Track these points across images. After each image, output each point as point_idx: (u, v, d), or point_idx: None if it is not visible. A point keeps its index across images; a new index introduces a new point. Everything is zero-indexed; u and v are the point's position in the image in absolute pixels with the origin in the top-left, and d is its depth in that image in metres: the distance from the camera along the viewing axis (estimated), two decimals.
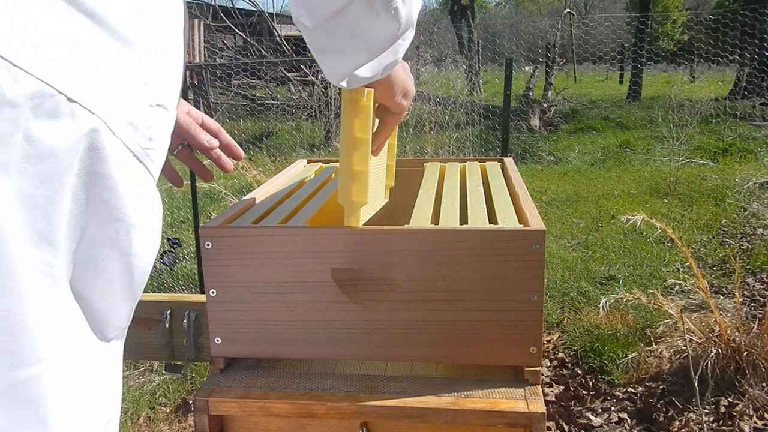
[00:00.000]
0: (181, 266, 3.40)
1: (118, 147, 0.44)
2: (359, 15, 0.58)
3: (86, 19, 0.42)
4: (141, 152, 0.46)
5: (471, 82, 11.20)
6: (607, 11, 25.35)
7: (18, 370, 0.40)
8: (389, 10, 0.58)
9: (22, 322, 0.39)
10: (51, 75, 0.39)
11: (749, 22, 9.44)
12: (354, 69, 0.64)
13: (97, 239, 0.44)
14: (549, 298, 2.98)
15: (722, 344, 2.06)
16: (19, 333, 0.39)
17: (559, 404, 2.14)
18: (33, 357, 0.40)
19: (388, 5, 0.58)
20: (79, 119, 0.40)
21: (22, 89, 0.37)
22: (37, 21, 0.39)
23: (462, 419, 0.71)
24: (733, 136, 6.86)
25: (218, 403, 0.75)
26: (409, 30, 0.64)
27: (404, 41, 0.65)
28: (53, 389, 0.42)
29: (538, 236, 0.71)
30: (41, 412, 0.41)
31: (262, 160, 5.63)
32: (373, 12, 0.58)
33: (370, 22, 0.59)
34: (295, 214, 0.85)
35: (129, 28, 0.45)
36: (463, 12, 15.02)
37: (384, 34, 0.61)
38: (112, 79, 0.43)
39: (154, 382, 2.34)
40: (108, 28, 0.43)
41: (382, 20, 0.59)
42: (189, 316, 0.90)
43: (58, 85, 0.39)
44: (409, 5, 0.61)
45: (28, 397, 0.40)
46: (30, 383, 0.40)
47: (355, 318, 0.76)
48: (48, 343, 0.41)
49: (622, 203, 4.64)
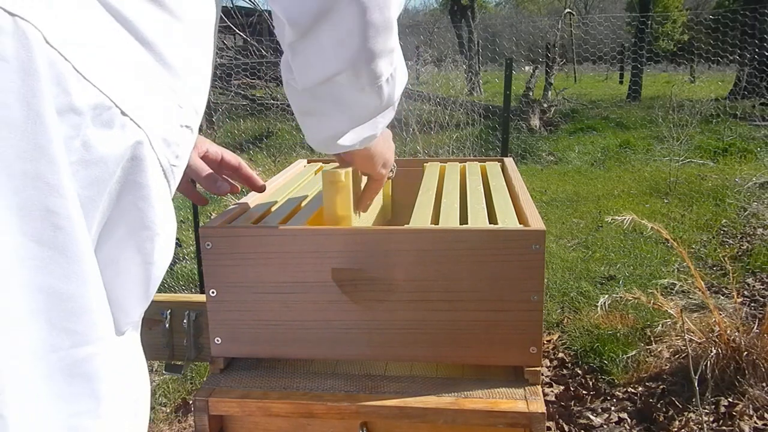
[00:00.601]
0: (181, 266, 3.40)
1: (154, 160, 0.48)
2: (345, 86, 0.63)
3: (141, 47, 0.47)
4: (168, 167, 0.51)
5: (471, 82, 11.19)
6: (607, 11, 25.35)
7: (79, 347, 0.43)
8: (374, 86, 0.63)
9: (85, 305, 0.43)
10: (111, 90, 0.44)
11: (749, 22, 9.44)
12: (334, 135, 0.69)
13: (124, 242, 0.48)
14: (549, 298, 2.98)
15: (722, 344, 2.06)
16: (83, 314, 0.43)
17: (559, 404, 2.14)
18: (93, 336, 0.44)
19: (374, 82, 0.63)
20: (128, 131, 0.45)
21: (87, 100, 0.42)
22: (105, 43, 0.45)
23: (462, 419, 0.71)
24: (733, 136, 6.86)
25: (218, 403, 0.75)
26: (390, 109, 0.69)
27: (383, 118, 0.70)
28: (106, 367, 0.46)
29: (538, 236, 0.71)
30: (96, 387, 0.45)
31: (262, 160, 5.63)
32: (358, 85, 0.62)
33: (355, 95, 0.64)
34: (295, 214, 0.85)
35: (176, 59, 0.50)
36: (463, 12, 15.01)
37: (366, 107, 0.66)
38: (155, 99, 0.49)
39: (154, 382, 2.34)
40: (158, 55, 0.49)
41: (366, 94, 0.64)
42: (189, 316, 0.90)
43: (116, 99, 0.44)
44: (392, 86, 0.65)
45: (85, 373, 0.44)
46: (88, 360, 0.44)
47: (355, 318, 0.76)
48: (105, 324, 0.46)
49: (622, 203, 4.64)
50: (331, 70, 0.60)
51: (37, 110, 0.39)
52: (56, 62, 0.40)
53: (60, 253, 0.41)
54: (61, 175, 0.41)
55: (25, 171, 0.39)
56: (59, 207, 0.41)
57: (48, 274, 0.41)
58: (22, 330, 0.40)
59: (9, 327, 0.39)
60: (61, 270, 0.42)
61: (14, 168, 0.39)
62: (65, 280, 0.42)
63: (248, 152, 6.63)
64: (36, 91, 0.39)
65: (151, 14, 0.48)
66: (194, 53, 0.53)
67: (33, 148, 0.39)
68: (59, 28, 0.41)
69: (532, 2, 33.11)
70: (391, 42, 0.61)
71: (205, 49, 0.56)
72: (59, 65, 0.40)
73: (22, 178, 0.39)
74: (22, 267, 0.40)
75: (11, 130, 0.38)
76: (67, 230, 0.42)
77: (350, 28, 0.57)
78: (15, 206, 0.39)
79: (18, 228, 0.39)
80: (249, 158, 5.96)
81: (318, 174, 1.12)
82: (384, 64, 0.62)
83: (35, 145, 0.39)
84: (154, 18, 0.48)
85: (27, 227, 0.40)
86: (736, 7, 10.74)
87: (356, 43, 0.58)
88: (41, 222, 0.40)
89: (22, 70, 0.38)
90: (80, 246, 0.43)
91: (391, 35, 0.60)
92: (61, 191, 0.41)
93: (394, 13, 0.59)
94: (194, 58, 0.53)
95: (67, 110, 0.41)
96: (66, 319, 0.42)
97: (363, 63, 0.60)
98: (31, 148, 0.39)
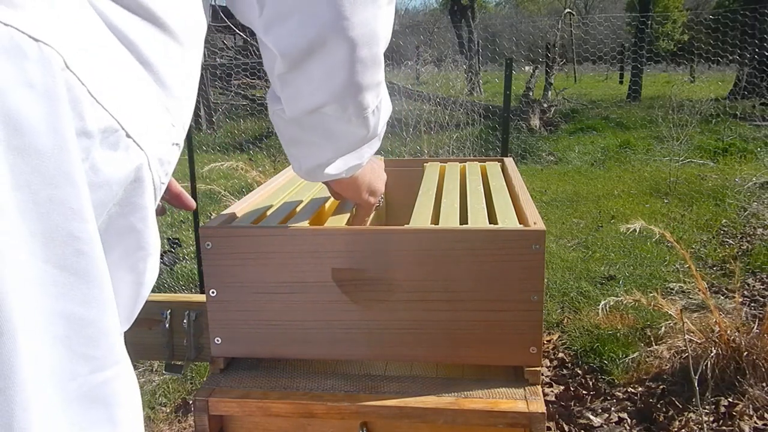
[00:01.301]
0: (181, 266, 3.40)
1: (150, 181, 0.48)
2: (332, 117, 0.64)
3: (142, 67, 0.48)
4: (159, 186, 0.51)
5: (471, 82, 11.19)
6: (607, 11, 25.35)
7: (98, 372, 0.43)
8: (360, 117, 0.65)
9: (104, 328, 0.43)
10: (119, 112, 0.44)
11: (749, 22, 9.43)
12: (319, 164, 0.71)
13: (119, 264, 0.48)
14: (549, 298, 2.98)
15: (722, 344, 2.06)
16: (102, 338, 0.43)
17: (559, 404, 2.14)
18: (111, 360, 0.44)
19: (360, 113, 0.65)
20: (131, 153, 0.46)
21: (98, 123, 0.42)
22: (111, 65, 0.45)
23: (462, 419, 0.71)
24: (733, 136, 6.86)
25: (218, 403, 0.75)
26: (375, 139, 0.72)
27: (369, 148, 0.72)
28: (121, 391, 0.45)
29: (538, 236, 0.71)
30: (112, 413, 0.45)
31: (262, 160, 5.63)
32: (345, 117, 0.64)
33: (342, 125, 0.66)
34: (295, 214, 0.85)
35: (172, 79, 0.51)
36: (463, 12, 15.01)
37: (353, 137, 0.69)
38: (154, 119, 0.49)
39: (154, 382, 2.34)
40: (155, 75, 0.49)
41: (352, 125, 0.66)
42: (189, 316, 0.90)
43: (122, 122, 0.44)
44: (378, 116, 0.67)
45: (103, 399, 0.44)
46: (105, 385, 0.44)
47: (355, 318, 0.76)
48: (121, 347, 0.46)
49: (622, 203, 4.64)
50: (319, 101, 0.62)
51: (63, 135, 0.39)
52: (74, 86, 0.41)
53: (81, 278, 0.41)
54: (83, 199, 0.41)
55: (52, 197, 0.39)
56: (82, 232, 0.41)
57: (70, 300, 0.41)
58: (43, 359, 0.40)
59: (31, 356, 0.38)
60: (82, 295, 0.42)
61: (41, 195, 0.39)
62: (86, 305, 0.42)
63: (248, 152, 6.63)
64: (61, 116, 0.39)
65: (151, 35, 0.48)
66: (188, 71, 0.54)
67: (59, 174, 0.39)
68: (76, 52, 0.41)
69: (532, 2, 33.11)
70: (378, 75, 0.63)
71: (197, 66, 0.56)
72: (76, 89, 0.41)
73: (48, 205, 0.39)
74: (45, 294, 0.40)
75: (41, 157, 0.38)
76: (89, 255, 0.42)
77: (339, 62, 0.59)
78: (40, 233, 0.39)
79: (41, 255, 0.39)
80: (249, 158, 5.96)
81: None
82: (371, 96, 0.64)
83: (61, 171, 0.39)
84: (154, 38, 0.49)
85: (50, 253, 0.40)
86: (736, 7, 10.74)
87: (344, 77, 0.60)
88: (64, 248, 0.40)
89: (48, 96, 0.39)
90: (100, 270, 0.43)
91: (379, 69, 0.63)
92: (84, 215, 0.41)
93: (381, 49, 0.61)
94: (188, 77, 0.54)
95: (81, 134, 0.41)
96: (86, 344, 0.42)
97: (350, 95, 0.62)
98: (57, 174, 0.39)
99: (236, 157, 5.62)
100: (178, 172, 0.88)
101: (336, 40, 0.57)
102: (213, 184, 3.54)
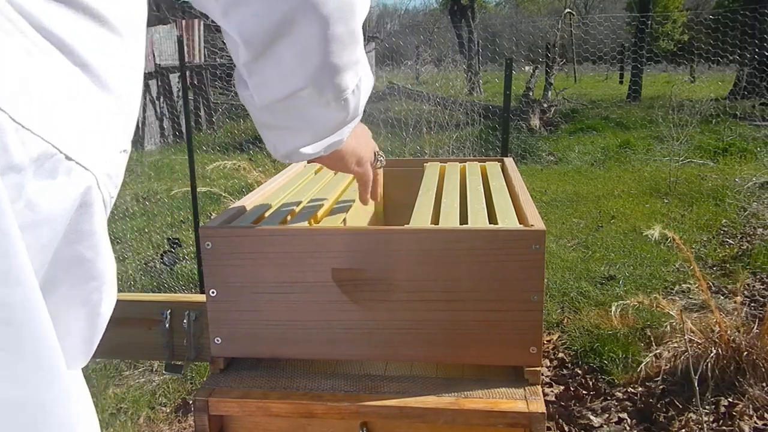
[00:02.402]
0: (181, 266, 3.40)
1: (100, 201, 0.42)
2: (308, 102, 0.59)
3: (78, 70, 0.41)
4: (108, 201, 0.44)
5: (471, 82, 11.20)
6: (607, 11, 25.34)
7: None
8: (339, 101, 0.59)
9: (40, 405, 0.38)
10: (54, 135, 0.37)
11: (749, 22, 9.43)
12: (297, 147, 0.65)
13: (67, 299, 0.43)
14: (549, 298, 2.98)
15: (722, 344, 2.06)
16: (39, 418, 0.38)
17: (559, 404, 2.14)
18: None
19: (339, 96, 0.59)
20: (74, 177, 0.39)
21: (28, 152, 0.36)
22: (42, 77, 0.38)
23: (462, 419, 0.71)
24: (733, 136, 6.86)
25: (218, 403, 0.75)
26: (356, 118, 0.66)
27: (349, 127, 0.67)
28: None
29: (538, 236, 0.71)
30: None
31: (262, 160, 5.63)
32: (323, 101, 0.59)
33: (319, 110, 0.60)
34: (295, 214, 0.85)
35: (115, 79, 0.44)
36: (463, 12, 15.00)
37: (331, 121, 0.63)
38: (99, 132, 0.42)
39: (154, 382, 2.34)
40: (97, 78, 0.42)
41: (331, 109, 0.60)
42: (189, 316, 0.90)
43: (59, 145, 0.38)
44: (358, 96, 0.62)
45: None
46: None
47: (355, 318, 0.76)
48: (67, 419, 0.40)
49: (622, 203, 4.64)
50: (292, 88, 0.56)
51: None
52: None
53: (9, 353, 0.35)
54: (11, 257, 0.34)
55: None
56: (9, 296, 0.35)
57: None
58: None
59: None
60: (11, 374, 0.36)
61: None
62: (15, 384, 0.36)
63: (248, 152, 6.63)
64: None
65: (86, 29, 0.41)
66: (131, 64, 0.47)
67: None
68: None
69: (532, 2, 33.09)
70: (357, 53, 0.57)
71: (140, 58, 0.49)
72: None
73: None
74: None
75: None
76: (19, 322, 0.35)
77: (313, 43, 0.53)
78: None
79: None
80: (249, 158, 5.96)
81: (318, 174, 1.12)
82: (349, 76, 0.58)
83: None
84: (89, 33, 0.41)
85: None
86: (736, 7, 10.74)
87: (319, 59, 0.54)
88: None
89: None
90: (35, 333, 0.36)
91: (357, 46, 0.56)
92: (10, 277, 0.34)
93: (359, 22, 0.55)
94: (131, 70, 0.47)
95: (7, 170, 0.34)
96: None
97: (327, 78, 0.56)
98: None
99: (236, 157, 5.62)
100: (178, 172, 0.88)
101: (307, 18, 0.51)
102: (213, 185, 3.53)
